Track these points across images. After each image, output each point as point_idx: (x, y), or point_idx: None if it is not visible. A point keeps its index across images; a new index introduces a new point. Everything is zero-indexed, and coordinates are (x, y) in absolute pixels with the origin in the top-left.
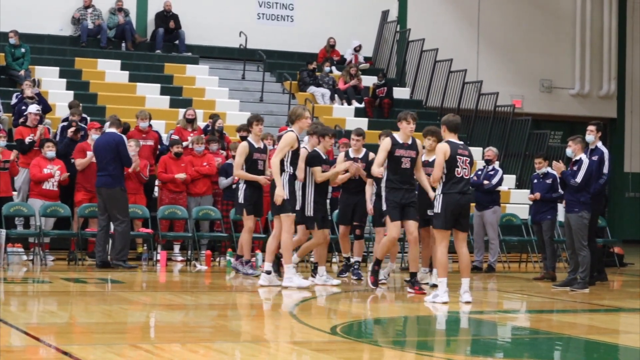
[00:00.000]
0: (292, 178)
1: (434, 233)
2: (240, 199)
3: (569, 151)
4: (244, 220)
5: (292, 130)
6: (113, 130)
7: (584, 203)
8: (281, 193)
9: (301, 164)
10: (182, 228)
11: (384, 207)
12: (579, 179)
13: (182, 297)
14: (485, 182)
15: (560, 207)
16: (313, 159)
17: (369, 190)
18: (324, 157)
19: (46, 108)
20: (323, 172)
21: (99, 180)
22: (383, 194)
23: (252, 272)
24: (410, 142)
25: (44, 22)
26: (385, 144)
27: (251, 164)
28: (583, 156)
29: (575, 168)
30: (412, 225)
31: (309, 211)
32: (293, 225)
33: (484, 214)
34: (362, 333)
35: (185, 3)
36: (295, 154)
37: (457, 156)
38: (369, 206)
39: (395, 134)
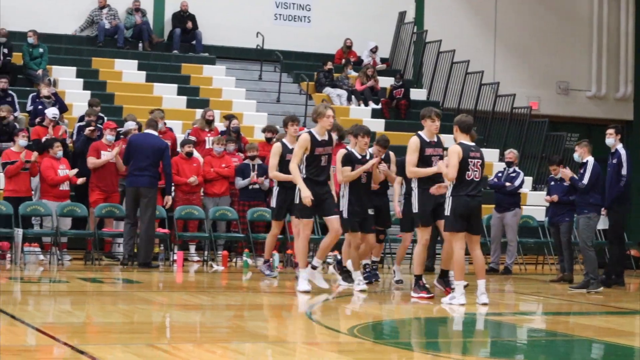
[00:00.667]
0: (306, 181)
1: (446, 236)
2: (273, 203)
3: (576, 156)
4: (272, 225)
5: (308, 132)
6: (151, 131)
7: (594, 205)
8: (307, 194)
9: (339, 165)
10: (197, 228)
11: (415, 210)
12: (585, 180)
13: (198, 298)
14: (508, 184)
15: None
16: (344, 159)
17: (398, 189)
18: (359, 157)
19: (63, 108)
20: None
21: (136, 179)
22: (415, 195)
23: (269, 272)
24: (435, 139)
25: (61, 22)
26: (414, 144)
27: (284, 165)
28: (590, 158)
29: (582, 171)
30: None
31: (345, 213)
32: (309, 230)
33: (504, 215)
34: (379, 334)
35: (202, 3)
36: (311, 156)
37: (469, 159)
38: (397, 208)
39: (421, 133)
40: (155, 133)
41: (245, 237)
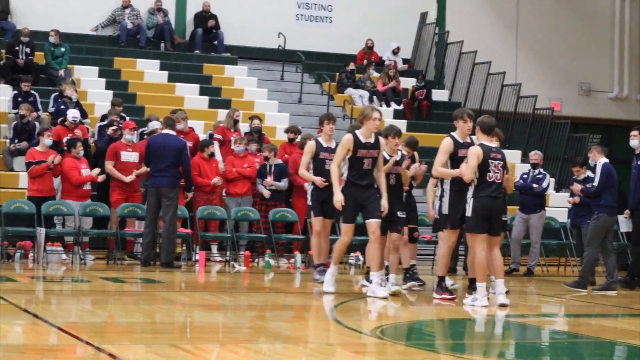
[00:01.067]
0: (348, 185)
1: (468, 237)
2: (308, 200)
3: (590, 162)
4: (312, 223)
5: (352, 133)
6: (169, 131)
7: (605, 206)
8: (339, 198)
9: None
10: (217, 228)
11: (445, 211)
12: (596, 182)
13: (220, 298)
14: (535, 185)
15: (621, 218)
16: None
17: (432, 191)
18: (388, 157)
19: (83, 114)
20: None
21: (157, 180)
22: (447, 197)
23: (319, 277)
24: (469, 140)
25: (84, 22)
26: (446, 145)
27: (318, 163)
28: (601, 160)
29: (594, 174)
30: None
31: None
32: (348, 237)
33: (530, 217)
34: (402, 335)
35: (224, 3)
36: (353, 158)
37: (490, 160)
38: (430, 212)
39: (453, 134)
40: (174, 133)
41: (267, 237)
